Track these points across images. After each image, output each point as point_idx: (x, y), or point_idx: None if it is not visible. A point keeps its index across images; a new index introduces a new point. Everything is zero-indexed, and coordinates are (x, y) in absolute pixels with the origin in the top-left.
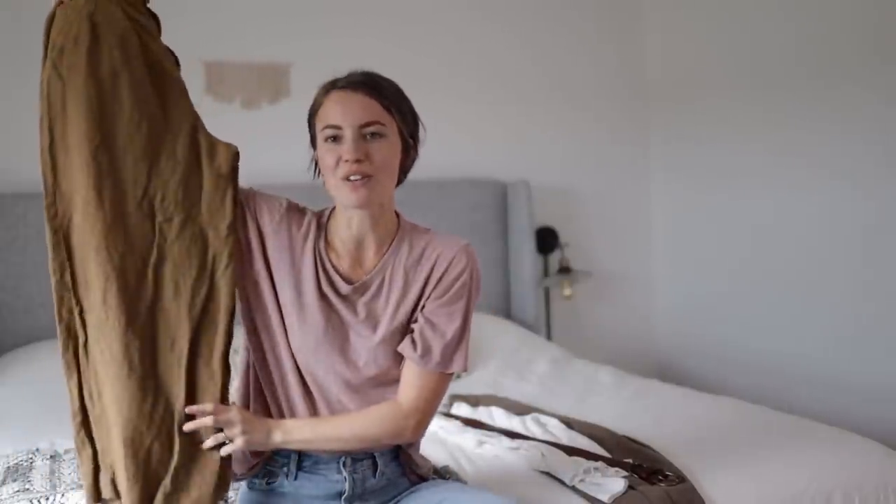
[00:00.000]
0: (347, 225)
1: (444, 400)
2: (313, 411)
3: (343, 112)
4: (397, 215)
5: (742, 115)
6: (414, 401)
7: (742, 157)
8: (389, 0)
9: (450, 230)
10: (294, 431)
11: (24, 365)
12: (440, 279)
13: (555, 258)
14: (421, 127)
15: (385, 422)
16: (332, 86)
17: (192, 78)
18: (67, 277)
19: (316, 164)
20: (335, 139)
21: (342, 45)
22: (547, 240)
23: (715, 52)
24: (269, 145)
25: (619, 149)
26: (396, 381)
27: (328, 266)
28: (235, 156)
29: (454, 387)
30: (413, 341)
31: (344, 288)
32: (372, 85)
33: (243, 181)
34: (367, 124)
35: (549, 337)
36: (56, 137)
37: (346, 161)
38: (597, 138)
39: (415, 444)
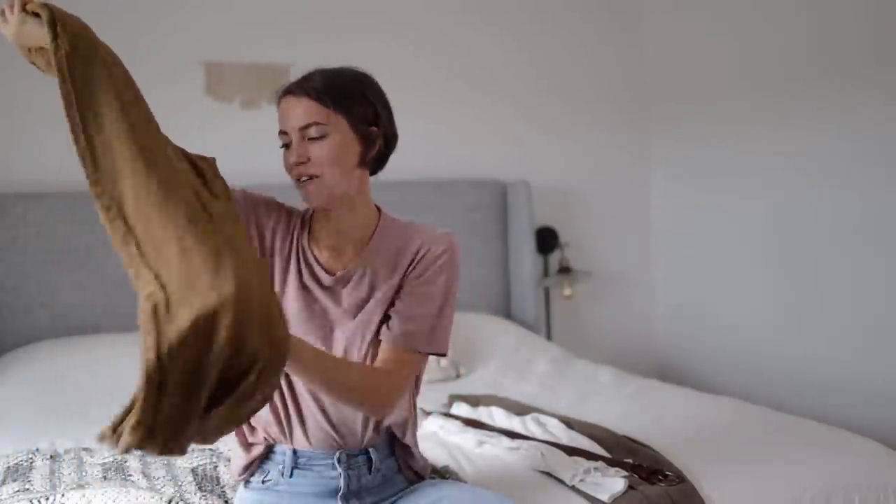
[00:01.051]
0: (325, 218)
1: (444, 399)
2: (295, 402)
3: (286, 118)
4: (378, 209)
5: (742, 116)
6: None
7: (742, 158)
8: (390, 2)
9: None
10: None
11: (24, 365)
12: (420, 261)
13: (555, 258)
14: (383, 112)
15: (375, 382)
16: (282, 91)
17: (192, 78)
18: (133, 248)
19: None
20: (286, 145)
21: (342, 47)
22: (547, 240)
23: (714, 52)
24: (269, 145)
25: (619, 149)
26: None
27: (311, 259)
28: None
29: (454, 387)
30: (389, 320)
31: (326, 279)
32: (312, 87)
33: (243, 181)
34: (307, 126)
35: (549, 337)
36: (87, 116)
37: (292, 164)
38: (597, 138)
39: (413, 439)
